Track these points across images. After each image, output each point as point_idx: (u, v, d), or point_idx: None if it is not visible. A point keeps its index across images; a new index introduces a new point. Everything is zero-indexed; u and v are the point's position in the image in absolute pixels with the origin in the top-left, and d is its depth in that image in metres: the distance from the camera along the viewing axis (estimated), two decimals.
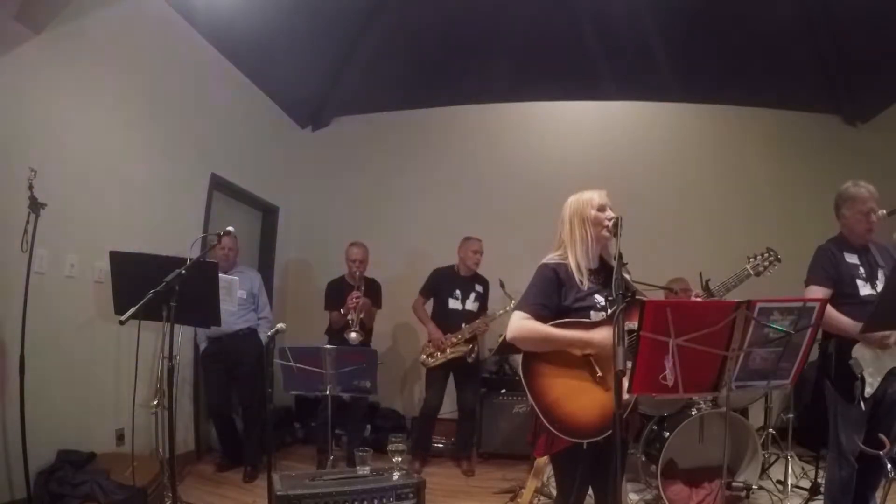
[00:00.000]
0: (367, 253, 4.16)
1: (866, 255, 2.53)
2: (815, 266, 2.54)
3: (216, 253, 3.76)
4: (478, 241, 4.19)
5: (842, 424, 2.40)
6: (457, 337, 3.97)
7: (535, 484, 2.97)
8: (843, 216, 2.58)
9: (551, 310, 1.85)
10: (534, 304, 1.86)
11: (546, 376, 1.83)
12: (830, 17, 3.96)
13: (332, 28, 4.30)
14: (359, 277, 4.05)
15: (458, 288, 4.13)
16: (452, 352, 3.96)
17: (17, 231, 2.56)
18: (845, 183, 2.59)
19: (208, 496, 3.30)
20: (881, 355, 2.33)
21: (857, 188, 2.52)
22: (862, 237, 2.53)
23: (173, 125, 3.84)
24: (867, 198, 2.48)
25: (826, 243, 2.61)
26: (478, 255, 4.15)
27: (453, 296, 4.12)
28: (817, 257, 2.57)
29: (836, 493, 2.44)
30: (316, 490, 2.16)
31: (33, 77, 2.81)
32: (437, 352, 3.98)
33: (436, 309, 4.21)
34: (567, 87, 5.10)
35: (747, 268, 2.19)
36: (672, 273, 3.73)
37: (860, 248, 2.54)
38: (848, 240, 2.57)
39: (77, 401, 3.04)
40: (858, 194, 2.50)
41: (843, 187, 2.59)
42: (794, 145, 5.00)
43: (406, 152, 5.45)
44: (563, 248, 1.94)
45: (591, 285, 1.88)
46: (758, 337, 1.62)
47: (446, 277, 4.19)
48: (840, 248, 2.55)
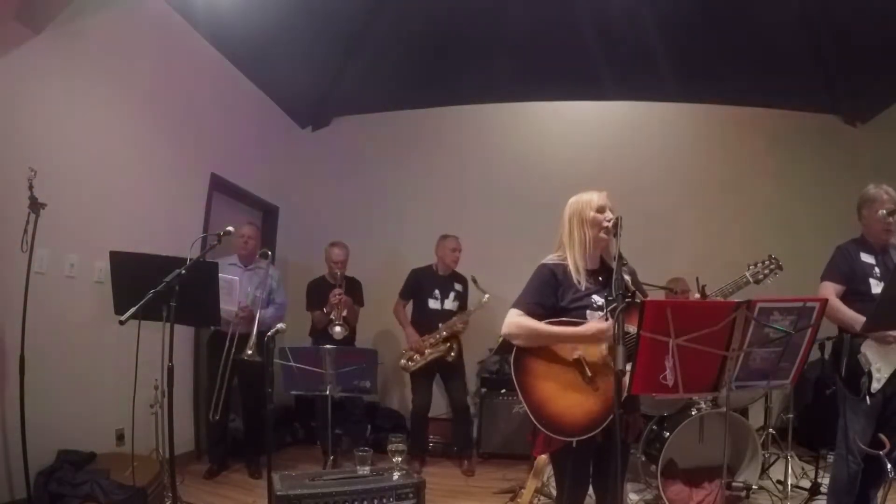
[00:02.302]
0: (348, 253, 4.18)
1: (884, 256, 2.57)
2: (831, 263, 2.62)
3: (235, 242, 3.76)
4: (454, 239, 4.18)
5: (851, 419, 2.42)
6: (434, 338, 3.96)
7: (535, 484, 2.97)
8: (862, 217, 2.62)
9: (546, 309, 1.88)
10: (529, 302, 1.90)
11: (536, 375, 1.86)
12: (830, 17, 3.95)
13: (331, 28, 4.30)
14: (339, 276, 4.06)
15: (437, 287, 4.12)
16: (431, 353, 3.95)
17: (17, 231, 2.55)
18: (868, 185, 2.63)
19: (208, 496, 3.30)
20: (889, 352, 2.34)
21: (877, 190, 2.57)
22: (880, 238, 2.57)
23: (173, 125, 3.84)
24: (885, 200, 2.52)
25: (846, 243, 2.66)
26: (456, 252, 4.14)
27: (432, 296, 4.11)
28: (834, 256, 2.63)
29: (840, 490, 2.45)
30: (316, 490, 2.16)
31: (33, 77, 2.80)
32: (416, 354, 3.97)
33: (415, 310, 4.19)
34: (567, 87, 5.10)
35: (746, 275, 2.18)
36: (670, 273, 3.73)
37: (879, 249, 2.58)
38: (867, 241, 2.61)
39: (77, 401, 3.04)
40: (877, 196, 2.54)
41: (865, 189, 2.63)
42: (793, 145, 5.00)
43: (406, 152, 5.45)
44: (562, 249, 1.96)
45: (590, 286, 1.89)
46: (758, 337, 1.63)
47: (425, 277, 4.18)
48: (858, 247, 2.59)
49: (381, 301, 4.39)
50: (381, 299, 4.38)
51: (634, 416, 1.93)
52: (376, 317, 4.64)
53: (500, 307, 4.59)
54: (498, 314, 4.53)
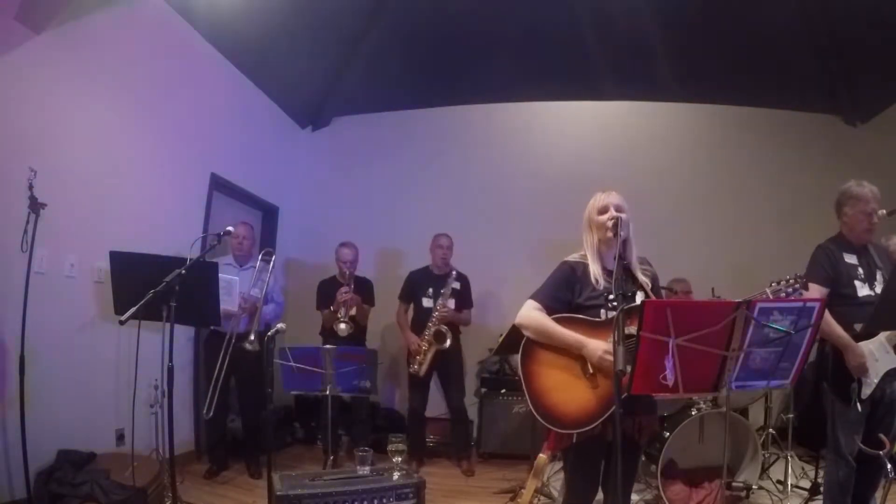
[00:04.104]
0: (358, 253, 4.18)
1: (865, 255, 2.53)
2: (814, 265, 2.54)
3: (231, 243, 3.76)
4: (443, 236, 4.18)
5: (840, 425, 2.40)
6: (425, 336, 3.97)
7: (535, 484, 2.97)
8: (844, 214, 2.58)
9: (562, 303, 1.94)
10: (546, 296, 1.96)
11: (542, 363, 1.91)
12: (830, 18, 3.95)
13: (331, 28, 4.30)
14: (349, 276, 4.07)
15: (431, 286, 4.13)
16: (428, 349, 3.96)
17: (17, 231, 2.56)
18: (848, 182, 2.59)
19: (208, 496, 3.30)
20: (879, 357, 2.33)
21: (860, 188, 2.53)
22: (861, 237, 2.53)
23: (173, 125, 3.84)
24: (870, 198, 2.49)
25: (825, 242, 2.60)
26: (442, 249, 4.13)
27: (426, 294, 4.12)
28: (816, 256, 2.56)
29: (835, 493, 2.44)
30: (316, 490, 2.16)
31: (33, 77, 2.80)
32: (418, 356, 3.98)
33: (414, 311, 4.20)
34: (566, 86, 5.10)
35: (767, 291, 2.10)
36: (671, 273, 3.73)
37: (859, 248, 2.54)
38: (847, 239, 2.57)
39: (77, 401, 3.03)
40: (861, 194, 2.50)
41: (845, 186, 2.59)
42: (794, 145, 5.00)
43: (406, 152, 5.45)
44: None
45: (607, 284, 1.91)
46: (758, 337, 1.62)
47: (420, 278, 4.20)
48: (839, 247, 2.54)
49: (381, 301, 4.38)
50: (380, 299, 4.38)
51: (649, 417, 1.94)
52: (376, 316, 4.63)
53: (501, 307, 4.61)
54: (498, 314, 4.53)
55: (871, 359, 2.32)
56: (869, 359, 2.32)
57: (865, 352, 2.33)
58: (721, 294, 3.96)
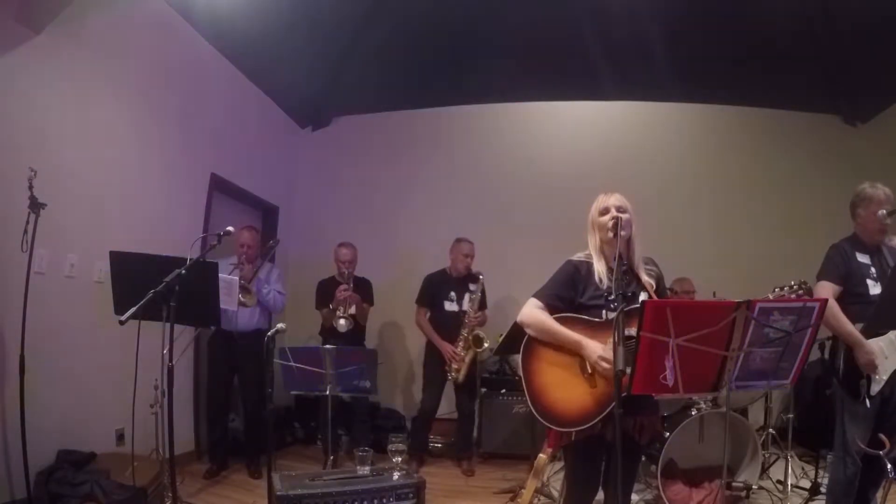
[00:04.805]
0: (356, 253, 4.18)
1: (878, 256, 2.55)
2: (827, 263, 2.58)
3: (235, 250, 3.77)
4: (469, 244, 4.17)
5: (849, 422, 2.42)
6: (461, 344, 3.98)
7: (535, 484, 2.98)
8: (857, 215, 2.60)
9: (564, 302, 1.95)
10: (549, 294, 1.97)
11: (543, 361, 1.92)
12: (830, 18, 3.96)
13: (331, 28, 4.30)
14: (348, 276, 4.08)
15: (452, 290, 4.13)
16: (467, 354, 3.98)
17: (17, 231, 2.55)
18: (862, 183, 2.61)
19: (208, 496, 3.31)
20: (889, 354, 2.34)
21: (874, 189, 2.55)
22: (874, 237, 2.56)
23: (173, 125, 3.84)
24: (883, 199, 2.51)
25: (840, 241, 2.63)
26: (468, 258, 4.13)
27: (448, 298, 4.12)
28: (829, 254, 2.60)
29: (839, 492, 2.44)
30: (316, 490, 2.16)
31: (33, 77, 2.80)
32: (456, 363, 3.98)
33: (433, 314, 4.19)
34: (567, 87, 5.10)
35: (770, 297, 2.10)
36: (672, 273, 3.73)
37: (873, 248, 2.57)
38: (861, 240, 2.60)
39: (77, 401, 3.04)
40: (875, 195, 2.53)
41: (859, 188, 2.61)
42: (794, 145, 5.00)
43: (406, 152, 5.45)
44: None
45: (610, 284, 1.91)
46: (758, 337, 1.63)
47: (439, 281, 4.19)
48: (853, 247, 2.57)
49: (381, 300, 4.38)
50: (380, 298, 4.38)
51: (650, 418, 1.94)
52: (376, 316, 4.63)
53: (501, 307, 4.61)
54: (498, 314, 4.53)
55: (880, 356, 2.34)
56: (879, 356, 2.34)
57: (875, 349, 2.34)
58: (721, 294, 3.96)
